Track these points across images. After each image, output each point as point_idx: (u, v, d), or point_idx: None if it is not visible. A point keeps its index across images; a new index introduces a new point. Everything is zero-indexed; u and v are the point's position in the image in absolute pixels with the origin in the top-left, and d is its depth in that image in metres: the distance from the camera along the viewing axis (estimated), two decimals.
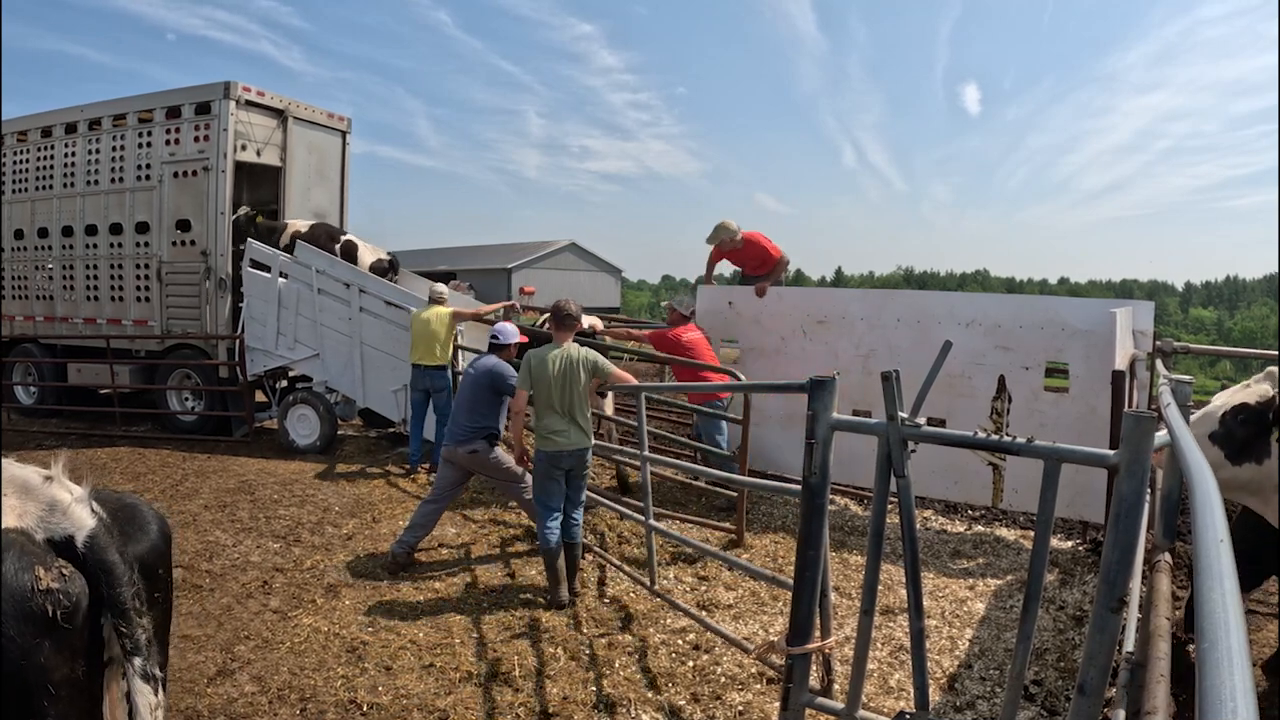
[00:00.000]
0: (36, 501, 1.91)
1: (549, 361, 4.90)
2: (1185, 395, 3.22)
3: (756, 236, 7.95)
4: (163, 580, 2.21)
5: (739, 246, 7.91)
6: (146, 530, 2.18)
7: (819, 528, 2.83)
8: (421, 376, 7.73)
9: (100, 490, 2.16)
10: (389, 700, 3.74)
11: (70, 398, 10.68)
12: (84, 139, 10.10)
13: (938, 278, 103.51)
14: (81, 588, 1.86)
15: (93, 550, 1.90)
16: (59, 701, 1.79)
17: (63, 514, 1.91)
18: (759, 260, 7.93)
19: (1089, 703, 2.00)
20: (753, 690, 3.81)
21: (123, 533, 2.08)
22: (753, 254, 7.93)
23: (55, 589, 1.80)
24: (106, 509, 2.07)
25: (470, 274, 33.61)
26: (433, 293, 8.06)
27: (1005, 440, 2.35)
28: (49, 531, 1.88)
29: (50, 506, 1.91)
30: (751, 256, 7.96)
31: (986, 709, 3.65)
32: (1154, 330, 6.56)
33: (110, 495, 2.22)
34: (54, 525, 1.89)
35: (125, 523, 2.13)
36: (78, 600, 1.84)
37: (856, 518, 6.57)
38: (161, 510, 7.17)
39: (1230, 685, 0.81)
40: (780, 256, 7.88)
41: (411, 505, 6.91)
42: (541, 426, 4.92)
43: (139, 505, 2.24)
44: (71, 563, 1.87)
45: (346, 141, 10.88)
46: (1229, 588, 1.03)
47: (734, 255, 8.04)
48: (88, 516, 1.94)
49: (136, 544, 2.11)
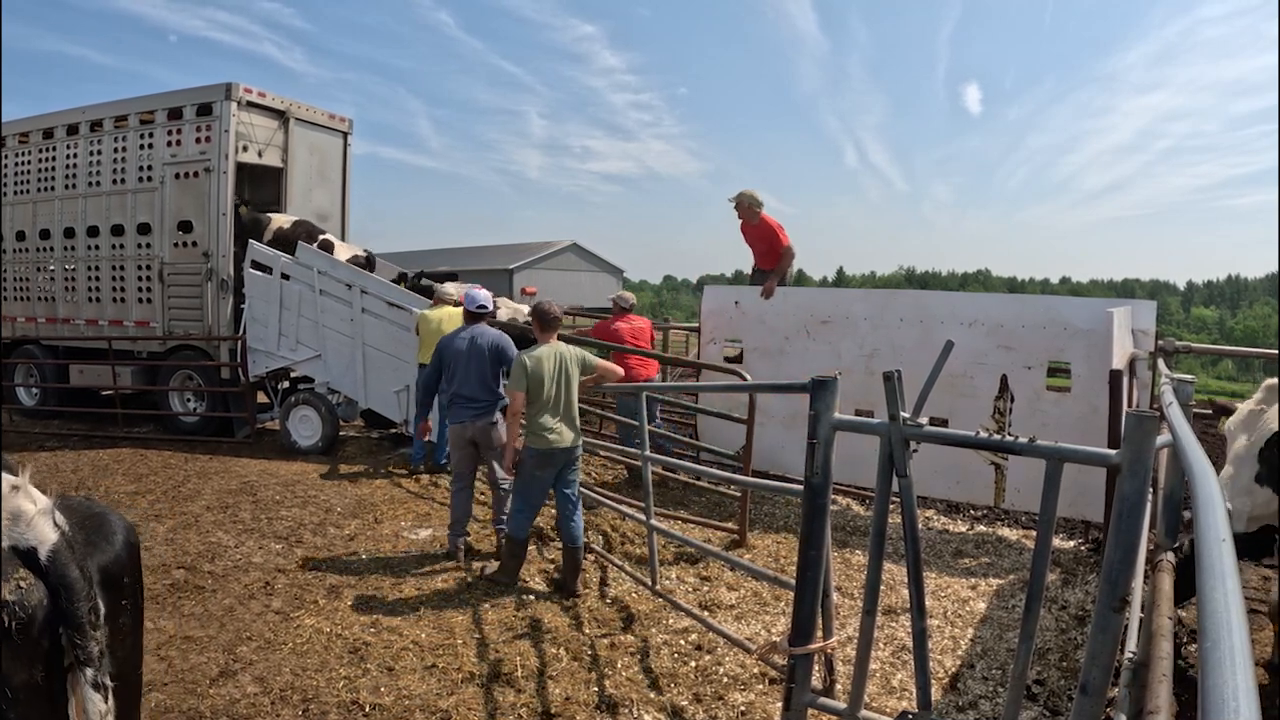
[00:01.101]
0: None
1: (544, 360, 4.93)
2: (1187, 395, 3.22)
3: (770, 220, 8.04)
4: (129, 588, 2.24)
5: (755, 222, 7.98)
6: (112, 540, 2.21)
7: (821, 528, 2.83)
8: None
9: (68, 498, 2.19)
10: (391, 701, 3.74)
11: (72, 399, 10.68)
12: (85, 140, 10.11)
13: (939, 278, 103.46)
14: (39, 600, 1.90)
15: (54, 565, 1.94)
16: (18, 704, 1.86)
17: (26, 525, 1.93)
18: (767, 244, 8.01)
19: (1091, 702, 2.00)
20: (755, 691, 3.81)
21: (88, 541, 2.10)
22: (763, 234, 8.01)
23: (11, 601, 1.84)
24: (74, 518, 2.09)
25: (472, 275, 33.60)
26: (443, 294, 8.13)
27: (1007, 440, 2.35)
28: (12, 541, 1.91)
29: (15, 517, 1.93)
30: (761, 238, 8.04)
31: (989, 709, 3.65)
32: (1156, 329, 6.55)
33: (79, 503, 2.25)
34: (17, 536, 1.92)
35: (92, 531, 2.16)
36: (34, 612, 1.88)
37: (859, 518, 6.57)
38: (163, 511, 7.12)
39: (1233, 685, 0.81)
40: (788, 246, 7.95)
41: (414, 505, 6.92)
42: (536, 424, 4.94)
43: (107, 514, 2.27)
44: (34, 573, 1.91)
45: (348, 142, 10.89)
46: (1231, 587, 1.03)
47: (748, 230, 8.11)
48: (50, 530, 1.96)
49: (102, 554, 2.14)
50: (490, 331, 5.74)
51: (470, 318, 5.80)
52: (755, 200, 7.93)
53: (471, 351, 5.60)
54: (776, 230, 7.97)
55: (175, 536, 6.05)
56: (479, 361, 5.58)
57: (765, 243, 8.01)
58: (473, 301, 5.82)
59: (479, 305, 5.81)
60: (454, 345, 5.66)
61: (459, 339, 5.68)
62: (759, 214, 7.95)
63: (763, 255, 8.07)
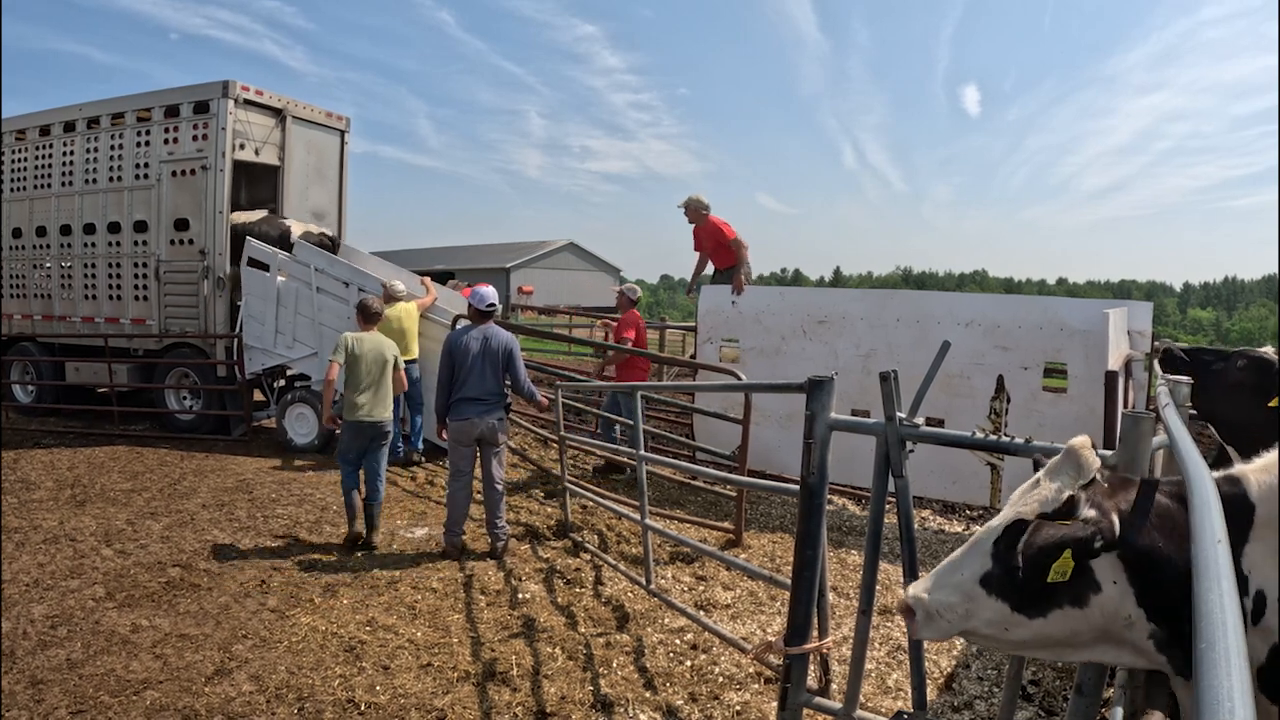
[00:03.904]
0: None
1: (364, 342, 5.96)
2: (1183, 396, 3.22)
3: (715, 219, 8.48)
4: None
5: (703, 224, 8.45)
6: None
7: (817, 527, 2.83)
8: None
9: None
10: (387, 699, 3.73)
11: (68, 396, 10.67)
12: (82, 138, 10.08)
13: (936, 278, 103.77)
14: None
15: None
16: None
17: None
18: (715, 241, 8.41)
19: (1086, 703, 2.00)
20: (750, 690, 3.81)
21: None
22: (710, 232, 8.43)
23: None
24: None
25: (468, 273, 33.59)
26: (394, 290, 8.18)
27: (1003, 440, 2.35)
28: None
29: None
30: (709, 236, 8.46)
31: (984, 709, 3.66)
32: (1152, 331, 6.57)
33: None
34: None
35: None
36: None
37: (854, 518, 6.57)
38: (159, 509, 7.11)
39: (1228, 686, 0.81)
40: (734, 237, 8.32)
41: (409, 504, 6.92)
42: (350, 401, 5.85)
43: None
44: None
45: (345, 141, 10.87)
46: (1226, 589, 1.03)
47: (698, 233, 8.56)
48: None
49: None
50: (503, 332, 5.76)
51: (479, 316, 5.78)
52: (701, 204, 8.45)
53: (485, 351, 5.62)
54: (721, 226, 8.38)
55: (171, 534, 6.04)
56: (492, 361, 5.61)
57: (713, 240, 8.42)
58: (481, 300, 5.80)
59: (488, 304, 5.79)
60: (465, 344, 5.64)
61: (470, 338, 5.67)
62: (706, 216, 8.43)
63: (714, 253, 8.47)
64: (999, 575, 1.67)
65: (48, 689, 3.78)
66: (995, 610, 1.68)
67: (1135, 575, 1.60)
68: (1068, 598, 1.64)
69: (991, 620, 1.69)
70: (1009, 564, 1.66)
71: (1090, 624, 1.65)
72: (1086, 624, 1.65)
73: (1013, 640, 1.72)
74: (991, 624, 1.70)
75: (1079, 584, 1.63)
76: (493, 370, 5.62)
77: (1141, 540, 1.60)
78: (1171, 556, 1.58)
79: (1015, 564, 1.66)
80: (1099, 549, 1.59)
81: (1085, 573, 1.62)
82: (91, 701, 3.68)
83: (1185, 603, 1.50)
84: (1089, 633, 1.67)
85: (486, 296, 5.82)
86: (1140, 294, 79.84)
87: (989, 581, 1.68)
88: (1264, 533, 1.60)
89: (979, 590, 1.69)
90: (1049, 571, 1.61)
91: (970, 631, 1.74)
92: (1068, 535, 1.62)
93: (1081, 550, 1.60)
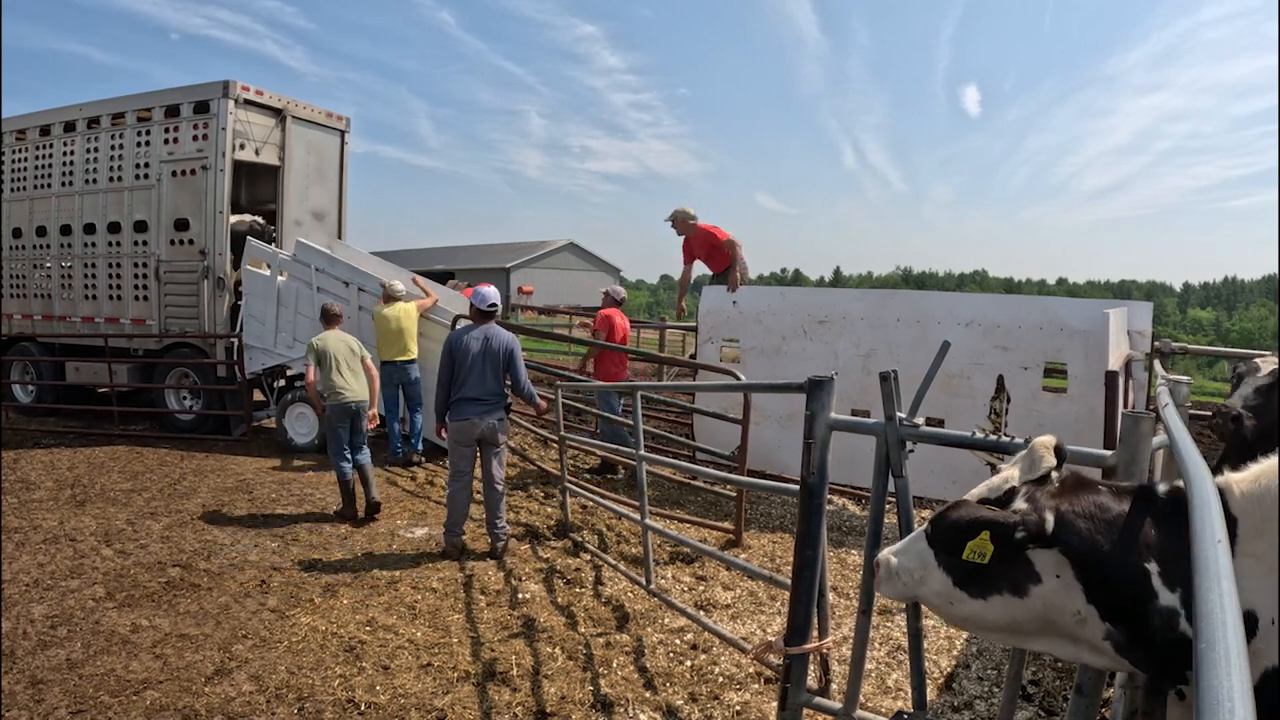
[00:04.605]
0: None
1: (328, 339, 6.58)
2: (1183, 395, 3.22)
3: (704, 225, 8.47)
4: None
5: (692, 233, 8.43)
6: None
7: (817, 527, 2.83)
8: (396, 372, 8.09)
9: None
10: (387, 699, 3.73)
11: (68, 396, 10.68)
12: (82, 138, 10.08)
13: (936, 278, 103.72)
14: None
15: None
16: None
17: None
18: (709, 246, 8.38)
19: (1086, 703, 2.00)
20: (750, 690, 3.81)
21: None
22: (702, 239, 8.42)
23: None
24: None
25: (468, 273, 33.63)
26: (393, 290, 8.21)
27: (1003, 440, 2.35)
28: None
29: None
30: (701, 243, 8.43)
31: (984, 709, 3.66)
32: (1152, 331, 6.57)
33: None
34: None
35: None
36: None
37: (854, 518, 6.57)
38: (159, 509, 7.13)
39: (1228, 686, 0.81)
40: (728, 238, 8.31)
41: (410, 504, 6.92)
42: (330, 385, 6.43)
43: None
44: None
45: (345, 141, 10.87)
46: (1226, 589, 1.03)
47: (689, 244, 8.53)
48: None
49: None
50: (504, 333, 5.75)
51: (480, 316, 5.77)
52: (688, 214, 8.47)
53: (486, 351, 5.61)
54: (712, 231, 8.37)
55: (171, 534, 6.04)
56: (493, 361, 5.60)
57: (706, 246, 8.40)
58: (483, 300, 5.79)
59: (490, 304, 5.78)
60: (466, 344, 5.63)
61: (471, 338, 5.65)
62: (695, 225, 8.42)
63: (709, 258, 8.44)
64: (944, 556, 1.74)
65: (48, 689, 3.78)
66: (941, 582, 1.74)
67: (1081, 572, 1.62)
68: (1006, 584, 1.68)
69: (938, 592, 1.75)
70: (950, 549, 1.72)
71: (1031, 614, 1.68)
72: (1027, 613, 1.68)
73: (958, 615, 1.78)
74: (939, 595, 1.76)
75: (1016, 572, 1.66)
76: (493, 370, 5.62)
77: (1077, 539, 1.61)
78: (1117, 558, 1.59)
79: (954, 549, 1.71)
80: (1020, 539, 1.61)
81: (1022, 563, 1.65)
82: (91, 701, 3.68)
83: (1138, 606, 1.56)
84: (1032, 623, 1.69)
85: (488, 296, 5.81)
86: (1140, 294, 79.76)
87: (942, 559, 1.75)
88: (1249, 546, 1.54)
89: (932, 560, 1.76)
90: (964, 548, 1.66)
91: (923, 599, 1.82)
92: (987, 518, 1.65)
93: (1000, 536, 1.62)
